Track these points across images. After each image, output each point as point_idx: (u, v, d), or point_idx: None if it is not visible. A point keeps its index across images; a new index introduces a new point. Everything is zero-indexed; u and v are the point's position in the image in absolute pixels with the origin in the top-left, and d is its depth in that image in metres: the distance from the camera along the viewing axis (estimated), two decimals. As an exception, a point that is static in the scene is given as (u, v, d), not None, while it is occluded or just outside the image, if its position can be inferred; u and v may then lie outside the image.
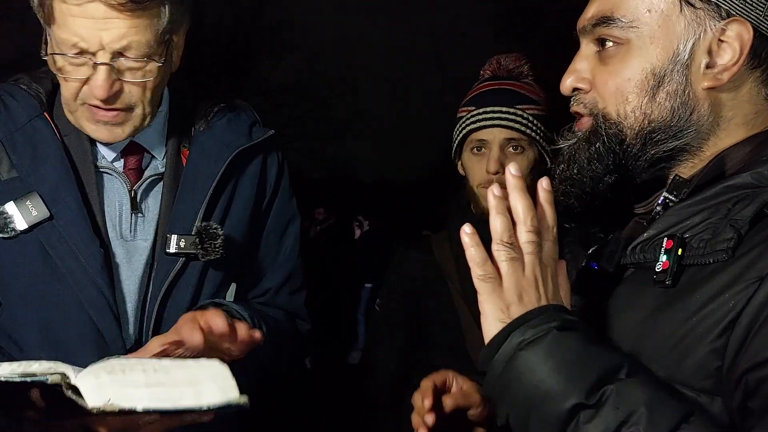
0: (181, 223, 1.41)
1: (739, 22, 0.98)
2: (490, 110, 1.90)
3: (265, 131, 1.55)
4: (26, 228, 1.35)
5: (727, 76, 0.99)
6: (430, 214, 6.60)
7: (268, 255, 1.59)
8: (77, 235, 1.35)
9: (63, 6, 1.25)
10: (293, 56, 18.70)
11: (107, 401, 1.00)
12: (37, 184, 1.36)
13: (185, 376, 1.09)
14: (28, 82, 1.44)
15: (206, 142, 1.48)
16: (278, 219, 1.60)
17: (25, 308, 1.37)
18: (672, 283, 0.94)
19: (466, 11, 18.60)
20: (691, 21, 1.00)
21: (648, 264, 0.99)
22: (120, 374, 1.05)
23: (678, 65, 1.01)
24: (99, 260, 1.36)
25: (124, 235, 1.42)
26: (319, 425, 5.29)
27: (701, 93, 1.01)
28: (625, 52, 1.03)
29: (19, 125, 1.39)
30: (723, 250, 0.91)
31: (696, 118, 1.01)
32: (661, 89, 1.01)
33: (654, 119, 1.02)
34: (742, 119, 1.02)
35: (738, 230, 0.91)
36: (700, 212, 0.97)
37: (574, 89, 1.10)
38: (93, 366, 1.07)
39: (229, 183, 1.49)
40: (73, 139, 1.41)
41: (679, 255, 0.95)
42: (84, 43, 1.26)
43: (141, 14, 1.26)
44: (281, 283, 1.61)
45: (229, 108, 1.55)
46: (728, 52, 0.99)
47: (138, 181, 1.44)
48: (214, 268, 1.46)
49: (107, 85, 1.28)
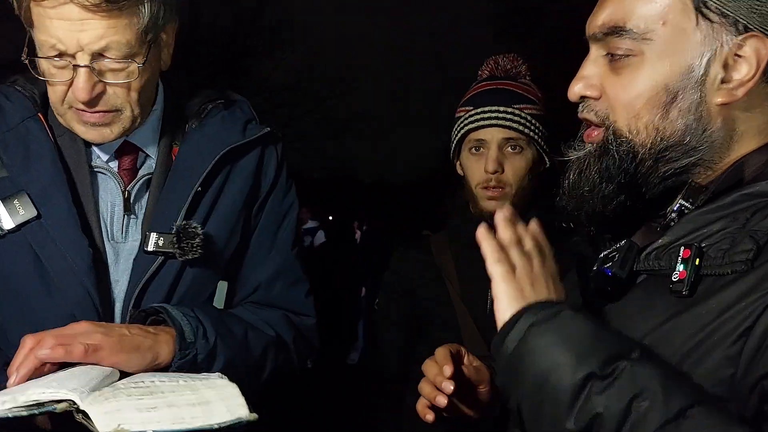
0: (163, 222, 1.39)
1: (757, 38, 0.96)
2: (488, 110, 1.90)
3: (260, 128, 1.52)
4: (13, 227, 1.34)
5: (742, 91, 0.97)
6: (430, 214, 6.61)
7: (260, 251, 1.55)
8: (65, 235, 1.34)
9: (39, 9, 1.24)
10: (293, 56, 18.71)
11: (117, 426, 1.00)
12: (27, 183, 1.36)
13: (194, 396, 1.10)
14: (23, 84, 1.44)
15: (198, 139, 1.47)
16: (273, 216, 1.56)
17: (15, 307, 1.37)
18: (689, 293, 0.93)
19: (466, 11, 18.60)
20: (708, 35, 0.97)
21: (663, 271, 0.98)
22: (128, 399, 1.06)
23: (692, 80, 0.98)
24: (87, 261, 1.34)
25: (115, 236, 1.41)
26: (318, 425, 5.29)
27: (714, 109, 0.99)
28: (639, 63, 1.00)
29: (11, 125, 1.39)
30: (742, 261, 0.90)
31: (709, 134, 0.99)
32: (674, 106, 0.99)
33: (667, 136, 1.00)
34: (756, 130, 1.00)
35: (757, 241, 0.90)
36: (718, 221, 0.96)
37: (582, 96, 1.07)
38: (102, 390, 1.08)
39: (217, 180, 1.46)
40: (66, 140, 1.41)
41: (696, 265, 0.93)
42: (62, 45, 1.25)
43: (118, 14, 1.25)
44: (272, 277, 1.55)
45: (224, 105, 1.53)
46: (745, 67, 0.97)
47: (132, 181, 1.43)
48: (193, 268, 1.42)
49: (88, 87, 1.27)
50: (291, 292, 1.58)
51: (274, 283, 1.56)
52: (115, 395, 1.06)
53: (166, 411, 1.04)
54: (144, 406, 1.05)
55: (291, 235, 1.59)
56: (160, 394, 1.08)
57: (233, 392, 1.13)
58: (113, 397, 1.06)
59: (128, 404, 1.04)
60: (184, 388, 1.12)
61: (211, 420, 1.05)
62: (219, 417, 1.06)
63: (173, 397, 1.08)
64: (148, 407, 1.04)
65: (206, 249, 1.40)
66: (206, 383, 1.15)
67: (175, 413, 1.04)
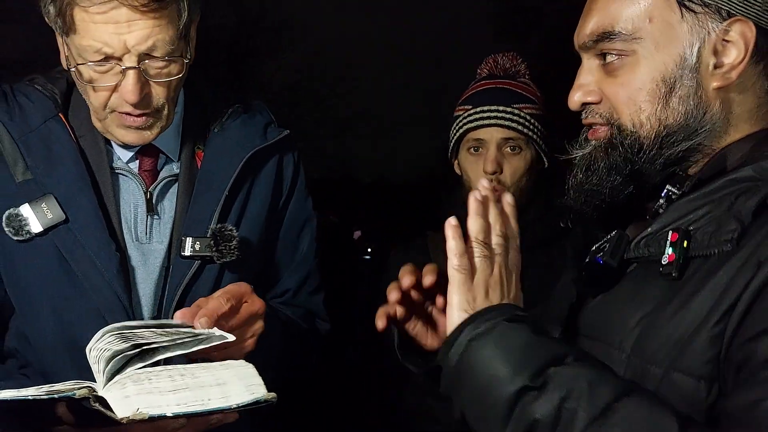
0: (197, 226, 1.40)
1: (741, 22, 1.00)
2: (487, 109, 1.89)
3: (280, 131, 1.54)
4: (41, 231, 1.33)
5: (735, 74, 1.02)
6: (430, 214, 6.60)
7: (285, 255, 1.58)
8: (93, 238, 1.34)
9: (84, 14, 1.22)
10: (294, 56, 18.69)
11: (136, 410, 0.99)
12: (53, 186, 1.35)
13: (211, 377, 1.09)
14: (43, 83, 1.43)
15: (221, 143, 1.47)
16: (294, 219, 1.58)
17: (40, 311, 1.36)
18: (678, 275, 0.97)
19: (466, 11, 18.57)
20: (694, 25, 1.01)
21: (653, 257, 1.01)
22: (146, 383, 1.05)
23: (687, 69, 1.02)
24: (115, 264, 1.35)
25: (139, 237, 1.41)
26: (317, 425, 5.28)
27: (712, 93, 1.03)
28: (633, 62, 1.04)
29: (33, 127, 1.38)
30: (727, 241, 0.93)
31: (709, 117, 1.03)
32: (673, 95, 1.03)
33: (669, 124, 1.04)
34: (748, 114, 1.04)
35: (741, 222, 0.93)
36: (704, 206, 0.99)
37: (583, 104, 1.11)
38: (118, 377, 1.08)
39: (244, 184, 1.47)
40: (88, 141, 1.40)
41: (684, 247, 0.97)
42: (108, 48, 1.24)
43: (163, 12, 1.24)
44: (300, 284, 1.59)
45: (244, 109, 1.53)
46: (734, 51, 1.01)
47: (153, 182, 1.43)
48: (231, 271, 1.43)
49: (137, 89, 1.27)
50: (313, 298, 1.62)
51: (300, 290, 1.59)
52: (132, 380, 1.06)
53: (184, 393, 1.04)
54: (161, 389, 1.04)
55: (313, 244, 1.62)
56: (178, 377, 1.08)
57: (250, 372, 1.12)
58: (130, 382, 1.05)
59: (145, 388, 1.04)
60: (201, 370, 1.11)
61: (229, 401, 1.05)
62: (237, 398, 1.06)
63: (190, 380, 1.07)
64: (165, 390, 1.04)
65: (242, 251, 1.41)
66: (223, 364, 1.14)
67: (193, 395, 1.04)
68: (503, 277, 1.03)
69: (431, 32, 20.57)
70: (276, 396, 1.09)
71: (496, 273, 1.02)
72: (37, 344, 1.37)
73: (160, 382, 1.05)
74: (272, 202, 1.53)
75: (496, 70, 2.01)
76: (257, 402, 1.07)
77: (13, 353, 1.41)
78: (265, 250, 1.54)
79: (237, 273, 1.45)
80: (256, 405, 1.07)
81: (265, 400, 1.07)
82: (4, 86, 1.43)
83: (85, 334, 1.33)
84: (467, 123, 1.91)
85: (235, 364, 1.14)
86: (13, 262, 1.37)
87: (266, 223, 1.52)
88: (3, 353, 1.42)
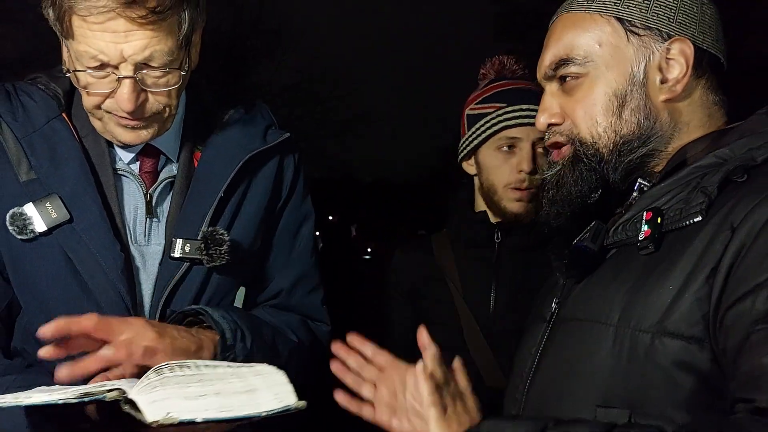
0: (188, 227, 1.39)
1: (680, 41, 1.15)
2: (526, 108, 1.87)
3: (280, 134, 1.52)
4: (45, 230, 1.33)
5: (680, 87, 1.16)
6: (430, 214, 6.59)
7: (280, 257, 1.56)
8: (97, 238, 1.34)
9: (82, 22, 1.21)
10: (293, 57, 18.70)
11: (166, 414, 0.99)
12: (57, 185, 1.34)
13: (241, 384, 1.09)
14: (45, 82, 1.43)
15: (220, 145, 1.46)
16: (291, 221, 1.57)
17: (46, 310, 1.34)
18: (655, 248, 1.06)
19: (466, 11, 18.61)
20: (639, 46, 1.16)
21: (631, 241, 1.10)
22: (177, 387, 1.05)
23: (636, 85, 1.16)
24: (119, 264, 1.34)
25: (138, 239, 1.40)
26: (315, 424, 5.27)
27: (660, 105, 1.17)
28: (588, 82, 1.18)
29: (37, 126, 1.38)
30: (697, 212, 1.03)
31: (659, 126, 1.16)
32: (625, 108, 1.16)
33: (624, 134, 1.17)
34: (699, 122, 1.18)
35: (708, 194, 1.03)
36: (673, 190, 1.09)
37: (549, 125, 1.24)
38: (148, 379, 1.07)
39: (241, 186, 1.46)
40: (90, 141, 1.40)
41: (658, 223, 1.06)
42: (104, 56, 1.23)
43: (162, 24, 1.23)
44: (293, 284, 1.57)
45: (244, 110, 1.53)
46: (676, 67, 1.15)
47: (153, 184, 1.43)
48: (219, 274, 1.42)
49: (133, 97, 1.26)
50: (309, 299, 1.59)
51: (294, 289, 1.57)
52: (163, 383, 1.05)
53: (214, 399, 1.04)
54: (192, 394, 1.04)
55: (310, 242, 1.60)
56: (208, 382, 1.08)
57: (281, 380, 1.12)
58: (161, 385, 1.05)
59: (176, 392, 1.04)
60: (231, 376, 1.11)
61: (259, 408, 1.05)
62: (267, 405, 1.06)
63: (221, 385, 1.07)
64: (196, 395, 1.04)
65: (232, 255, 1.39)
66: (253, 370, 1.14)
67: (223, 401, 1.04)
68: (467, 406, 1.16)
69: (431, 33, 20.59)
70: (306, 403, 1.08)
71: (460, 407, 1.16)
72: (45, 343, 1.37)
73: (190, 387, 1.05)
74: (269, 206, 1.51)
75: (505, 71, 2.00)
76: (287, 409, 1.06)
77: (20, 352, 1.40)
78: (258, 254, 1.52)
79: (225, 276, 1.44)
80: (286, 412, 1.06)
81: (295, 408, 1.07)
82: (7, 86, 1.42)
83: None
84: (504, 120, 1.89)
85: (266, 371, 1.14)
86: (20, 261, 1.36)
87: (261, 227, 1.50)
88: (11, 351, 1.41)
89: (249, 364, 1.21)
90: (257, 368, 1.15)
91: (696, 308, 0.98)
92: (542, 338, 1.22)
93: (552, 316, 1.22)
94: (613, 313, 1.06)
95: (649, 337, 1.01)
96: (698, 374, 0.98)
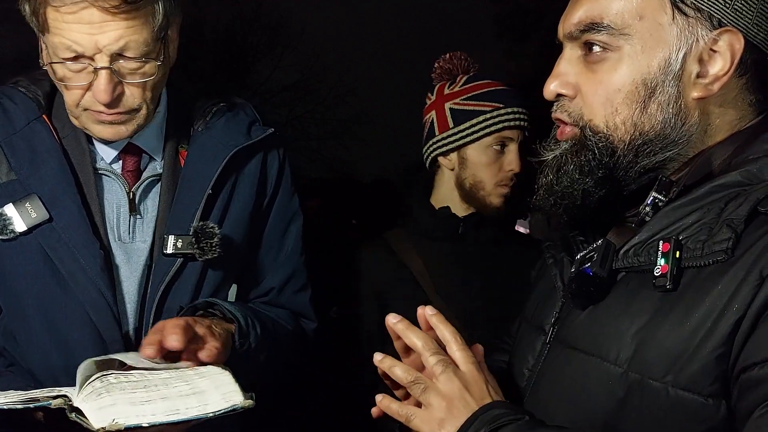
0: (179, 224, 1.40)
1: (730, 32, 0.96)
2: (518, 110, 1.94)
3: (264, 130, 1.54)
4: (26, 230, 1.35)
5: (717, 86, 0.98)
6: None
7: (270, 254, 1.58)
8: (77, 237, 1.35)
9: (56, 14, 1.23)
10: (293, 56, 18.71)
11: (112, 421, 1.00)
12: (36, 186, 1.36)
13: (187, 386, 1.09)
14: (26, 85, 1.44)
15: (205, 142, 1.47)
16: (280, 217, 1.58)
17: (27, 310, 1.37)
18: (673, 287, 0.93)
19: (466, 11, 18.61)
20: (683, 29, 0.97)
21: (644, 267, 0.98)
22: (122, 393, 1.05)
23: (670, 75, 0.98)
24: (99, 262, 1.35)
25: (122, 237, 1.41)
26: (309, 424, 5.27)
27: (692, 103, 0.99)
28: (616, 59, 0.99)
29: (17, 128, 1.39)
30: (722, 251, 0.90)
31: (686, 129, 0.99)
32: (653, 100, 0.98)
33: (646, 131, 0.99)
34: (728, 125, 1.01)
35: (735, 230, 0.90)
36: (692, 213, 0.96)
37: (558, 95, 1.06)
38: (93, 387, 1.07)
39: (228, 182, 1.47)
40: (71, 141, 1.41)
41: (677, 258, 0.93)
42: (79, 47, 1.24)
43: (136, 14, 1.24)
44: (284, 282, 1.59)
45: (228, 107, 1.53)
46: (719, 61, 0.97)
47: (136, 182, 1.43)
48: (213, 268, 1.44)
49: (110, 89, 1.27)
50: (298, 297, 1.62)
51: (284, 288, 1.60)
52: (108, 390, 1.05)
53: (161, 403, 1.04)
54: (138, 399, 1.04)
55: (299, 242, 1.62)
56: (154, 387, 1.08)
57: (227, 380, 1.12)
58: (106, 392, 1.05)
59: (122, 398, 1.03)
60: (176, 380, 1.11)
61: (206, 409, 1.05)
62: (214, 405, 1.06)
63: (166, 389, 1.07)
64: (141, 400, 1.04)
65: (224, 249, 1.41)
66: (198, 373, 1.14)
67: (170, 405, 1.04)
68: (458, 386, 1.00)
69: (431, 33, 20.59)
70: (253, 402, 1.09)
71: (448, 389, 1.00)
72: (24, 342, 1.38)
73: (135, 393, 1.05)
74: (256, 201, 1.53)
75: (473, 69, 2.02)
76: (234, 409, 1.07)
77: (0, 352, 1.42)
78: (249, 248, 1.54)
79: (220, 270, 1.46)
80: (233, 411, 1.07)
81: (242, 407, 1.07)
82: None
83: (71, 331, 1.36)
84: (504, 121, 1.92)
85: (212, 372, 1.14)
86: (0, 261, 1.37)
87: (250, 221, 1.52)
88: None
89: (193, 367, 1.20)
90: (201, 370, 1.15)
91: (716, 365, 0.88)
92: (540, 357, 1.13)
93: (552, 332, 1.13)
94: (623, 357, 0.96)
95: (659, 386, 0.92)
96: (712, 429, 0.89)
